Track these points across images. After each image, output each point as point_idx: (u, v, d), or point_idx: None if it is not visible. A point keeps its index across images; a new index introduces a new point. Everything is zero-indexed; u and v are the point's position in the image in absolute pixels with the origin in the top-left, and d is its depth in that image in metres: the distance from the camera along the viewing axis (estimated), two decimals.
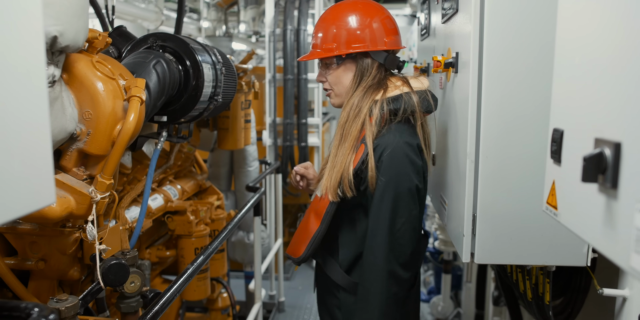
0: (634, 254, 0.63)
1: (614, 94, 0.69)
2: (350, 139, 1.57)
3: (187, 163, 2.69)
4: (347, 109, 1.61)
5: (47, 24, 1.16)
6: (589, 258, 1.45)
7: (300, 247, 1.70)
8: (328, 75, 1.68)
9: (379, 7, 1.67)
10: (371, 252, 1.54)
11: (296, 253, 1.72)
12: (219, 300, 3.02)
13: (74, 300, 1.29)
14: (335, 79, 1.66)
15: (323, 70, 1.70)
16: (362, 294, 1.56)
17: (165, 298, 1.47)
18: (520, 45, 1.40)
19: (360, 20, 1.61)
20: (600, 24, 0.74)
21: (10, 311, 0.81)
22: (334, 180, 1.56)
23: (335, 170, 1.56)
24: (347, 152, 1.57)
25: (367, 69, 1.62)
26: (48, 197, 0.78)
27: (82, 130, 1.39)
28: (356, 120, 1.58)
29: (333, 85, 1.67)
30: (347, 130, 1.59)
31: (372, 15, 1.62)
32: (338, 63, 1.64)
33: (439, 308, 4.08)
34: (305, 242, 1.67)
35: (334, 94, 1.69)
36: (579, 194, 0.78)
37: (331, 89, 1.69)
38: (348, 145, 1.57)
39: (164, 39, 1.90)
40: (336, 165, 1.57)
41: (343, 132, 1.60)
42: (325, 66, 1.68)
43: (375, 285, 1.53)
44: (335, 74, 1.65)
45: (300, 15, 4.54)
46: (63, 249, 1.55)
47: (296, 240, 1.75)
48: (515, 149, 1.43)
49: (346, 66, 1.64)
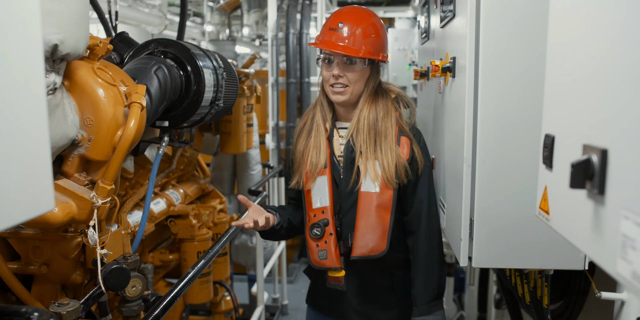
0: (619, 259, 0.63)
1: (601, 100, 0.70)
2: (391, 134, 1.77)
3: (190, 167, 2.71)
4: (374, 110, 1.78)
5: (48, 32, 1.17)
6: (587, 262, 1.45)
7: (379, 242, 1.73)
8: (349, 72, 1.77)
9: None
10: (430, 222, 1.80)
11: (377, 249, 1.73)
12: (222, 303, 3.03)
13: (75, 304, 1.31)
14: (356, 78, 1.77)
15: (343, 65, 1.77)
16: (430, 259, 1.79)
17: (166, 301, 1.49)
18: (516, 50, 1.41)
19: (383, 31, 1.83)
20: (589, 29, 0.74)
21: (11, 316, 0.83)
22: (390, 172, 1.72)
23: (387, 164, 1.73)
24: (394, 146, 1.75)
25: (376, 74, 1.83)
26: (47, 203, 0.79)
27: (83, 136, 1.40)
28: (388, 118, 1.78)
29: (353, 83, 1.78)
30: (382, 127, 1.77)
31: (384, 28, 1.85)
32: (366, 65, 1.77)
33: None
34: (384, 235, 1.74)
35: (350, 90, 1.78)
36: (569, 200, 0.78)
37: (348, 86, 1.77)
38: (391, 139, 1.76)
39: (165, 44, 1.92)
40: (387, 158, 1.73)
41: (378, 130, 1.77)
42: (349, 63, 1.76)
43: (439, 249, 1.82)
44: (359, 73, 1.77)
45: (303, 19, 4.56)
46: (65, 253, 1.56)
47: (368, 239, 1.73)
48: (512, 154, 1.44)
49: (369, 70, 1.80)
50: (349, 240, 1.77)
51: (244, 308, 3.73)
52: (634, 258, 0.61)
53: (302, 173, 1.85)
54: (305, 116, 1.94)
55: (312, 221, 1.81)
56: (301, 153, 1.87)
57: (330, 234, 1.77)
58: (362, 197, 1.74)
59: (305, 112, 1.96)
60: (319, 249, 1.78)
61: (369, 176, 1.73)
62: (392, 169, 1.72)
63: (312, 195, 1.82)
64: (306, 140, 1.86)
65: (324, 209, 1.79)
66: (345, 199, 1.79)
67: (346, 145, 1.81)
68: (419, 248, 1.80)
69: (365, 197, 1.74)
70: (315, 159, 1.80)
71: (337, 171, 1.81)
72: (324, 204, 1.79)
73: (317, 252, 1.78)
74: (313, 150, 1.82)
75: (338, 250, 1.78)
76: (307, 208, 1.84)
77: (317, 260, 1.79)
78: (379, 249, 1.73)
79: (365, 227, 1.73)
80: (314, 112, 1.90)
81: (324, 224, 1.78)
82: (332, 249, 1.77)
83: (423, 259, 1.79)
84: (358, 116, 1.79)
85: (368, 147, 1.74)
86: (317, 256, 1.79)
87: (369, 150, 1.74)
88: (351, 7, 1.83)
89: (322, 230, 1.77)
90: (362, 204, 1.74)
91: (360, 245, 1.73)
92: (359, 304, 1.88)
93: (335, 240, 1.78)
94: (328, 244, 1.77)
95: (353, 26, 1.74)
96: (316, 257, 1.79)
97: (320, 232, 1.77)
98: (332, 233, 1.77)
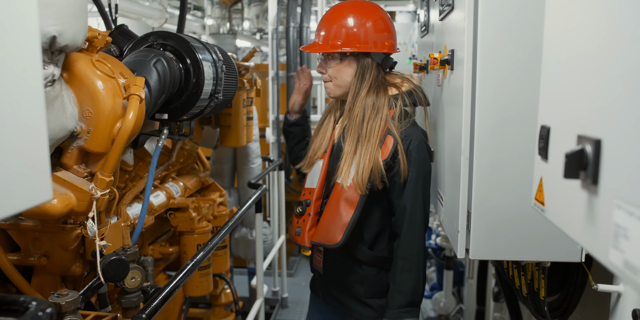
0: (612, 249, 0.64)
1: (595, 91, 0.70)
2: (375, 136, 1.74)
3: (190, 160, 2.71)
4: (362, 109, 1.78)
5: (46, 23, 1.18)
6: (584, 254, 1.46)
7: (335, 234, 1.78)
8: (329, 68, 1.83)
9: (382, 10, 1.83)
10: (412, 228, 1.78)
11: (332, 240, 1.79)
12: (222, 296, 3.05)
13: (75, 295, 1.31)
14: (335, 73, 1.82)
15: (324, 62, 1.86)
16: (407, 265, 1.78)
17: (165, 293, 1.50)
18: (514, 42, 1.41)
19: (365, 22, 1.77)
20: (585, 19, 0.74)
21: (9, 305, 0.83)
22: (364, 175, 1.72)
23: (363, 166, 1.72)
24: (374, 148, 1.73)
25: (367, 67, 1.80)
26: (45, 193, 0.80)
27: (82, 128, 1.41)
28: (377, 118, 1.76)
29: (333, 77, 1.83)
30: (368, 128, 1.75)
31: (376, 19, 1.79)
32: (341, 59, 1.80)
33: (441, 304, 4.10)
34: (342, 228, 1.77)
35: (333, 84, 1.84)
36: (563, 190, 0.79)
37: (330, 80, 1.84)
38: (374, 141, 1.74)
39: (164, 37, 1.92)
40: (363, 161, 1.72)
41: (363, 130, 1.76)
42: (327, 59, 1.84)
43: (419, 256, 1.79)
44: (336, 68, 1.81)
45: (303, 12, 4.55)
46: (65, 245, 1.57)
47: (327, 228, 1.79)
48: (509, 146, 1.44)
49: (349, 62, 1.80)
50: None
51: (243, 301, 3.75)
52: (626, 247, 0.61)
53: (308, 155, 1.96)
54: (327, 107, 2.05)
55: (300, 199, 1.92)
56: (313, 138, 1.99)
57: (309, 214, 1.86)
58: (335, 187, 1.81)
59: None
60: (297, 226, 1.90)
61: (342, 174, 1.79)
62: (365, 174, 1.72)
63: (308, 176, 1.93)
64: (317, 129, 1.98)
65: (311, 190, 1.89)
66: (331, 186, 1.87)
67: (338, 139, 1.88)
68: (397, 252, 1.80)
69: (337, 188, 1.81)
70: (318, 145, 1.91)
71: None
72: (312, 186, 1.89)
73: (295, 228, 1.90)
74: (319, 136, 1.93)
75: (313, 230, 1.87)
76: (304, 186, 1.95)
77: (293, 235, 1.92)
78: (334, 241, 1.78)
79: (328, 216, 1.81)
80: (332, 104, 2.02)
81: (306, 204, 1.88)
82: (307, 228, 1.86)
83: (399, 263, 1.79)
84: (348, 114, 1.83)
85: (350, 147, 1.79)
86: (294, 232, 1.91)
87: (350, 150, 1.79)
88: (339, 3, 1.87)
89: (304, 209, 1.87)
90: (333, 193, 1.81)
91: (319, 232, 1.83)
92: (334, 289, 1.98)
93: (312, 221, 1.87)
94: (305, 222, 1.87)
95: (330, 24, 1.80)
96: (293, 232, 1.91)
97: (301, 210, 1.88)
98: (310, 214, 1.86)
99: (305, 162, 1.95)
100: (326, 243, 1.80)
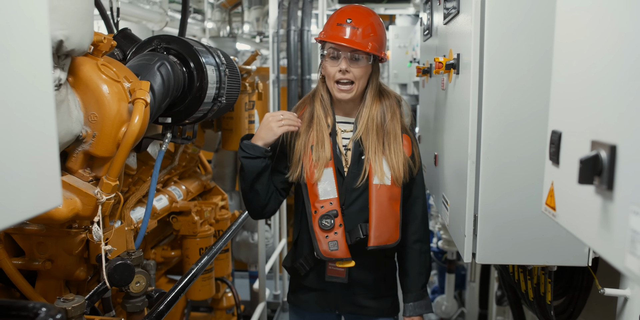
0: (628, 255, 0.64)
1: (609, 97, 0.70)
2: (399, 134, 1.84)
3: (192, 164, 2.71)
4: (381, 111, 1.84)
5: (53, 28, 1.17)
6: (590, 258, 1.46)
7: (392, 232, 1.82)
8: (354, 68, 1.78)
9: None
10: (425, 214, 1.97)
11: (392, 239, 1.82)
12: (223, 299, 3.04)
13: (81, 300, 1.31)
14: (362, 73, 1.80)
15: (349, 61, 1.78)
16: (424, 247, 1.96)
17: (170, 298, 1.49)
18: (521, 46, 1.40)
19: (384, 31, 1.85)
20: (597, 27, 0.75)
21: (19, 311, 0.83)
22: (399, 172, 1.81)
23: (397, 163, 1.81)
24: (402, 147, 1.84)
25: (379, 71, 1.88)
26: (55, 199, 0.80)
27: (87, 132, 1.40)
28: (395, 119, 1.85)
29: (358, 79, 1.79)
30: (390, 128, 1.84)
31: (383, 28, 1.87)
32: (370, 62, 1.80)
33: (443, 307, 4.09)
34: (396, 225, 1.83)
35: (355, 88, 1.80)
36: (577, 196, 0.79)
37: (354, 82, 1.79)
38: (399, 139, 1.84)
39: (168, 41, 1.92)
40: (396, 158, 1.81)
41: (387, 130, 1.83)
42: (355, 59, 1.78)
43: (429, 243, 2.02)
44: (364, 69, 1.79)
45: (304, 15, 4.55)
46: (69, 249, 1.57)
47: (383, 229, 1.80)
48: (516, 150, 1.44)
49: (371, 65, 1.81)
50: (360, 231, 1.80)
51: (245, 304, 3.73)
52: None
53: (306, 166, 1.83)
54: (299, 110, 1.93)
55: (320, 212, 1.80)
56: (302, 146, 1.85)
57: (340, 225, 1.80)
58: (374, 190, 1.80)
59: (297, 105, 1.97)
60: (329, 240, 1.79)
61: (377, 175, 1.79)
62: (401, 168, 1.81)
63: (318, 187, 1.82)
64: (306, 134, 1.86)
65: (331, 201, 1.81)
66: (350, 191, 1.82)
67: (354, 142, 1.85)
68: (412, 238, 1.94)
69: (377, 190, 1.80)
70: (322, 153, 1.81)
71: (340, 165, 1.84)
72: (331, 196, 1.81)
73: (328, 243, 1.79)
74: (317, 144, 1.82)
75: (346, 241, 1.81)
76: (312, 200, 1.82)
77: (327, 251, 1.79)
78: (394, 239, 1.82)
79: (380, 218, 1.79)
80: (312, 106, 1.89)
81: (333, 215, 1.79)
82: (342, 239, 1.79)
83: (416, 246, 1.95)
84: (367, 116, 1.83)
85: (377, 147, 1.81)
86: (327, 247, 1.79)
87: (378, 150, 1.81)
88: (354, 6, 1.85)
89: (332, 222, 1.79)
90: (374, 196, 1.80)
91: (376, 235, 1.79)
92: (354, 294, 1.94)
93: (344, 232, 1.80)
94: (338, 235, 1.79)
95: (359, 23, 1.77)
96: (326, 248, 1.79)
97: (330, 223, 1.79)
98: (341, 224, 1.80)
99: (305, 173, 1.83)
100: (387, 243, 1.82)
